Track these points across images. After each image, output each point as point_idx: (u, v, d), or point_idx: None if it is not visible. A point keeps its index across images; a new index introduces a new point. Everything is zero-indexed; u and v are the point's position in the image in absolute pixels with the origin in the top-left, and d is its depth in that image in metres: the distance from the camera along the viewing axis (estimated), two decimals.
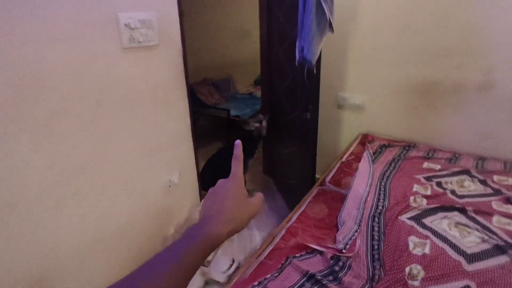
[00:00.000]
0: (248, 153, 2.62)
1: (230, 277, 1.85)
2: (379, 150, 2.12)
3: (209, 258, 1.95)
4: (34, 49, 1.16)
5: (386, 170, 1.86)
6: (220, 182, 0.54)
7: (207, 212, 0.48)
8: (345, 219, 1.39)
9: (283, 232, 1.33)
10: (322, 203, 1.54)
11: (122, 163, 1.56)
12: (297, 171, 2.22)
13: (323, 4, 1.57)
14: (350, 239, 1.27)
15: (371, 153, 2.05)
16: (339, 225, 1.37)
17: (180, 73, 1.78)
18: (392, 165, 1.92)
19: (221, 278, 1.81)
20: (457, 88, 1.97)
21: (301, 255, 1.20)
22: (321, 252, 1.20)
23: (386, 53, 2.17)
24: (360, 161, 1.95)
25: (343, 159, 1.99)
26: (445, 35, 1.91)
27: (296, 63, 1.88)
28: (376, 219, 1.41)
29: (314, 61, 1.65)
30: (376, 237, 1.31)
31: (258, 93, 4.35)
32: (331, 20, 1.64)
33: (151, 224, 1.82)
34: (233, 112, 3.58)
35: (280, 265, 1.14)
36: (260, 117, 2.58)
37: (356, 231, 1.32)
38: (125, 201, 1.63)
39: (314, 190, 1.66)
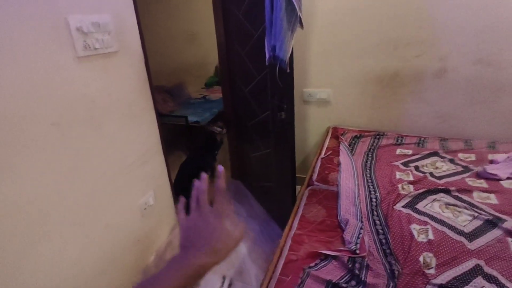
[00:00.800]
0: (212, 156, 2.52)
1: None
2: (353, 141, 2.15)
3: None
4: None
5: (366, 161, 1.88)
6: (202, 212, 0.52)
7: (188, 243, 0.47)
8: (346, 217, 1.36)
9: (289, 242, 1.25)
10: (317, 204, 1.49)
11: (92, 191, 1.34)
12: (273, 173, 2.15)
13: (293, 0, 1.52)
14: (358, 237, 1.24)
15: (347, 145, 2.07)
16: (342, 225, 1.33)
17: (144, 82, 1.59)
18: (369, 155, 1.96)
19: None
20: (417, 76, 2.08)
21: (316, 264, 1.13)
22: (335, 257, 1.14)
23: (347, 47, 2.20)
24: (339, 155, 1.95)
25: (323, 155, 1.98)
26: (403, 25, 2.00)
27: (267, 62, 1.81)
28: (375, 213, 1.40)
29: (287, 59, 1.59)
30: (380, 231, 1.29)
31: (212, 96, 4.21)
32: (301, 16, 1.60)
33: (131, 254, 1.61)
34: (191, 118, 3.39)
35: (299, 280, 1.05)
36: (220, 125, 2.59)
37: (361, 228, 1.29)
38: (101, 234, 1.40)
39: (305, 191, 1.61)
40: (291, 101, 1.70)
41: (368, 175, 1.72)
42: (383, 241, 1.24)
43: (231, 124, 2.61)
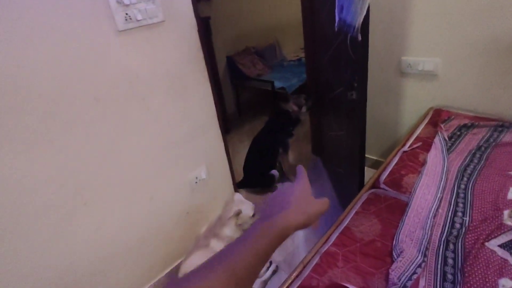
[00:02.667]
0: (285, 133, 2.30)
1: (265, 283, 1.65)
2: (458, 132, 1.61)
3: None
4: (7, 52, 0.97)
5: (468, 164, 1.38)
6: (287, 183, 0.54)
7: (272, 207, 0.48)
8: (404, 244, 1.03)
9: (316, 259, 1.03)
10: (374, 216, 1.17)
11: (135, 164, 1.38)
12: (344, 160, 1.84)
13: None
14: (410, 278, 0.92)
15: (446, 137, 1.56)
16: (394, 254, 1.01)
17: (196, 52, 1.49)
18: (477, 155, 1.43)
19: (256, 284, 1.62)
20: None
21: None
22: None
23: (467, 2, 1.57)
24: (429, 150, 1.49)
25: (406, 148, 1.55)
26: None
27: (335, 27, 1.45)
28: (451, 246, 1.02)
29: (357, 24, 1.21)
30: (449, 277, 0.93)
31: None
32: None
33: (179, 226, 1.66)
34: (277, 84, 3.20)
35: None
36: (301, 101, 2.22)
37: (420, 265, 0.95)
38: (145, 206, 1.47)
39: (363, 195, 1.30)
40: (363, 79, 1.34)
41: (463, 187, 1.26)
42: None
43: (313, 95, 2.31)
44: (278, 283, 1.64)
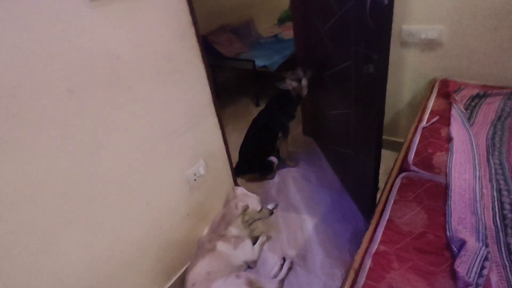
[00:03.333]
0: (286, 115, 2.11)
1: (283, 283, 1.50)
2: (473, 103, 1.53)
3: (254, 256, 1.60)
4: None
5: (493, 136, 1.30)
6: None
7: None
8: (459, 233, 0.91)
9: (368, 263, 0.89)
10: (415, 204, 1.05)
11: (126, 166, 1.14)
12: (353, 139, 1.70)
13: None
14: (481, 274, 0.80)
15: (463, 109, 1.47)
16: (453, 246, 0.89)
17: (187, 28, 1.24)
18: (499, 126, 1.35)
19: (273, 285, 1.47)
20: None
21: None
22: None
23: None
24: (448, 124, 1.39)
25: (424, 123, 1.44)
26: None
27: None
28: (510, 231, 0.92)
29: None
30: None
31: (285, 34, 3.65)
32: None
33: (180, 229, 1.45)
34: (259, 62, 2.98)
35: None
36: (299, 74, 2.00)
37: (486, 257, 0.84)
38: (141, 213, 1.24)
39: (396, 180, 1.16)
40: (385, 50, 1.18)
41: (497, 161, 1.17)
42: None
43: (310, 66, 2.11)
44: (296, 280, 1.52)
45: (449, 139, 1.30)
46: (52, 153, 0.92)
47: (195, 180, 1.46)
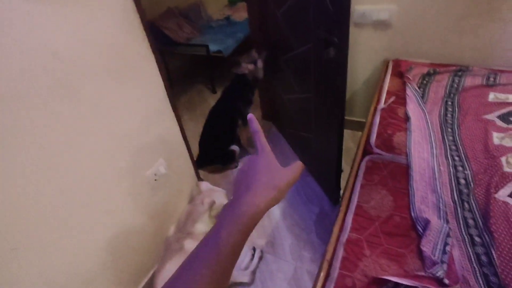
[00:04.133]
0: (244, 101, 2.05)
1: (254, 274, 1.50)
2: (424, 81, 1.59)
3: None
4: None
5: (446, 114, 1.36)
6: (248, 158, 0.47)
7: (238, 188, 0.43)
8: (423, 212, 0.95)
9: (340, 252, 0.89)
10: (381, 187, 1.07)
11: (79, 180, 1.01)
12: (313, 123, 1.70)
13: None
14: (444, 251, 0.84)
15: (416, 88, 1.52)
16: (418, 226, 0.93)
17: (131, 16, 1.11)
18: (449, 103, 1.42)
19: (244, 277, 1.46)
20: None
21: None
22: (408, 286, 0.78)
23: None
24: (405, 103, 1.44)
25: (381, 104, 1.47)
26: None
27: None
28: (466, 205, 0.97)
29: None
30: (477, 240, 0.88)
31: (237, 16, 3.53)
32: None
33: (143, 236, 1.37)
34: (213, 47, 2.85)
35: None
36: (253, 56, 1.94)
37: (449, 234, 0.88)
38: (101, 224, 1.13)
39: (361, 163, 1.18)
40: (345, 33, 1.15)
41: (451, 137, 1.23)
42: (483, 258, 0.84)
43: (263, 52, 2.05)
44: (267, 269, 1.52)
45: (407, 119, 1.34)
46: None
47: (155, 180, 1.36)
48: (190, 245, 1.43)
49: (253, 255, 1.56)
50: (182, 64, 3.55)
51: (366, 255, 0.87)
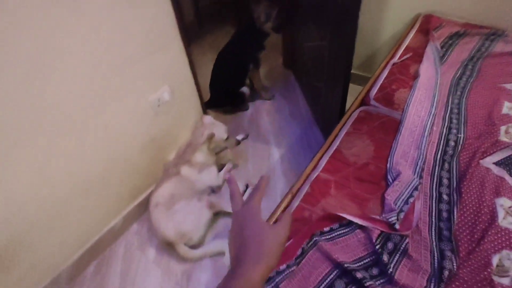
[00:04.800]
0: (256, 44, 2.00)
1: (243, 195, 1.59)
2: (450, 41, 1.47)
3: (219, 182, 1.67)
4: None
5: (460, 77, 1.28)
6: (235, 217, 0.47)
7: (232, 258, 0.43)
8: (400, 165, 0.95)
9: (306, 187, 0.93)
10: (366, 136, 1.07)
11: (78, 88, 1.09)
12: (326, 72, 1.66)
13: None
14: (407, 202, 0.86)
15: (438, 47, 1.42)
16: (389, 177, 0.94)
17: None
18: (469, 67, 1.32)
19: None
20: None
21: (331, 230, 0.83)
22: (362, 226, 0.82)
23: None
24: (421, 61, 1.35)
25: (395, 59, 1.40)
26: None
27: None
28: (446, 166, 0.96)
29: None
30: (445, 198, 0.88)
31: None
32: None
33: (143, 156, 1.48)
34: None
35: (299, 250, 0.78)
36: (271, 13, 1.85)
37: (416, 188, 0.89)
38: (100, 136, 1.24)
39: (353, 113, 1.17)
40: None
41: (457, 101, 1.17)
42: (444, 214, 0.85)
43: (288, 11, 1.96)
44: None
45: (416, 77, 1.27)
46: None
47: (159, 106, 1.44)
48: (186, 171, 1.53)
49: (244, 191, 1.66)
50: (212, 3, 3.45)
51: (331, 194, 0.91)
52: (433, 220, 0.84)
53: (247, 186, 1.67)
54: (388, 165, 0.96)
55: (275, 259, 0.41)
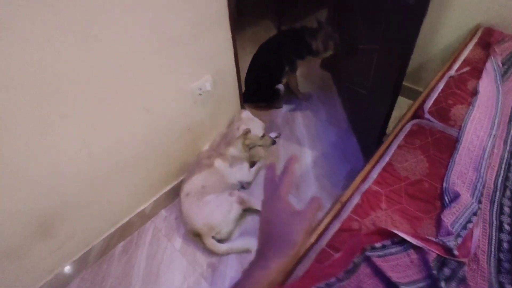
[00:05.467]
0: (297, 53, 1.94)
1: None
2: None
3: (249, 178, 1.65)
4: None
5: None
6: (264, 205, 0.48)
7: (260, 247, 0.44)
8: (457, 186, 0.90)
9: (355, 199, 0.89)
10: (420, 152, 1.02)
11: (124, 67, 1.07)
12: (372, 79, 1.60)
13: None
14: (465, 227, 0.81)
15: (499, 64, 1.33)
16: (445, 197, 0.88)
17: None
18: None
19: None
20: None
21: (383, 247, 0.79)
22: (416, 246, 0.77)
23: None
24: (480, 76, 1.28)
25: (452, 72, 1.33)
26: None
27: None
28: (508, 193, 0.90)
29: None
30: (506, 228, 0.83)
31: None
32: None
33: (178, 143, 1.47)
34: None
35: (350, 264, 0.75)
36: (328, 44, 1.85)
37: (475, 213, 0.84)
38: (140, 119, 1.23)
39: (406, 125, 1.11)
40: None
41: None
42: (505, 245, 0.79)
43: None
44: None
45: (474, 93, 1.20)
46: (44, 38, 0.85)
47: (200, 94, 1.42)
48: (219, 164, 1.52)
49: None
50: None
51: (381, 208, 0.87)
52: (492, 249, 0.78)
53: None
54: (444, 185, 0.91)
55: (299, 247, 0.42)
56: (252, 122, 1.60)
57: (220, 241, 1.39)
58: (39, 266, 1.19)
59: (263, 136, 1.62)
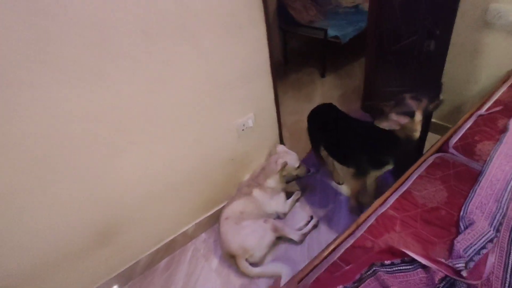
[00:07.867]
0: (373, 159, 1.41)
1: (305, 236, 1.64)
2: None
3: (285, 209, 1.76)
4: None
5: None
6: None
7: None
8: (474, 215, 0.93)
9: (371, 220, 0.97)
10: (440, 182, 1.07)
11: (182, 104, 1.34)
12: None
13: None
14: (478, 252, 0.83)
15: None
16: (461, 224, 0.92)
17: None
18: None
19: (295, 236, 1.62)
20: None
21: (392, 264, 0.84)
22: (425, 266, 0.82)
23: None
24: (510, 116, 1.30)
25: (482, 111, 1.36)
26: None
27: None
28: None
29: None
30: None
31: (367, 6, 3.47)
32: None
33: (223, 171, 1.66)
34: (331, 32, 2.94)
35: (358, 275, 0.82)
36: (409, 105, 1.19)
37: (491, 240, 0.86)
38: (190, 148, 1.46)
39: (429, 157, 1.17)
40: (448, 25, 1.14)
41: None
42: None
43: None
44: (317, 237, 1.65)
45: (504, 130, 1.23)
46: (124, 83, 1.13)
47: (243, 130, 1.63)
48: (257, 193, 1.67)
49: (308, 221, 1.70)
50: (300, 45, 3.74)
51: (395, 231, 0.93)
52: (507, 276, 0.79)
53: (311, 217, 1.72)
54: (461, 213, 0.95)
55: None
56: (288, 155, 1.74)
57: (253, 264, 1.49)
58: (91, 272, 1.37)
59: (298, 166, 1.75)
